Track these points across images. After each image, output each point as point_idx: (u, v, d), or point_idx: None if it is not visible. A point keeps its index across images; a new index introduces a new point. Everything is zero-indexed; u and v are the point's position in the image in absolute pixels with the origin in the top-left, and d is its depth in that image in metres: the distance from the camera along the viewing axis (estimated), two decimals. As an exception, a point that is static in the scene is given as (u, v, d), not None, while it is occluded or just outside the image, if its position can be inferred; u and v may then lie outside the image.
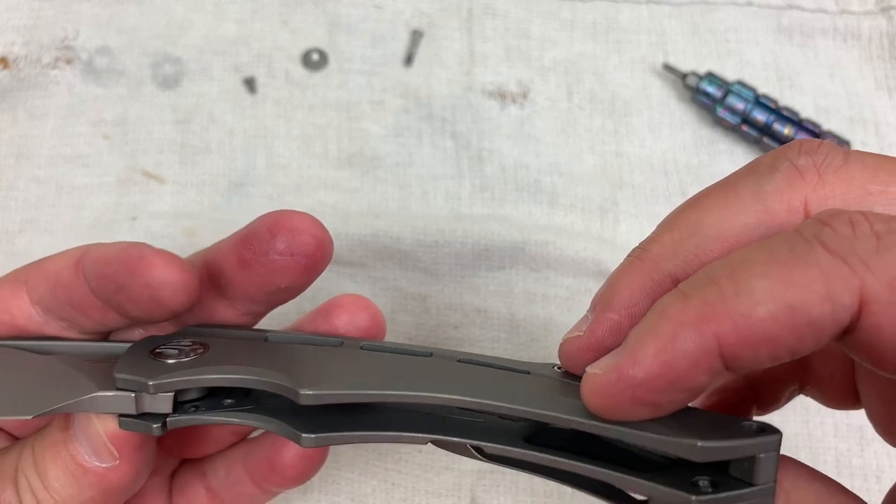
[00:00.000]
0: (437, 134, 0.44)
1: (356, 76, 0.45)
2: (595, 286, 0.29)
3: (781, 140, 0.42)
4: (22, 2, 0.45)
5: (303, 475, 0.30)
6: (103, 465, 0.25)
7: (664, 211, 0.45)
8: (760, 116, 0.42)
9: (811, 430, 0.38)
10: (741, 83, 0.43)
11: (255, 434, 0.31)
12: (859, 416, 0.29)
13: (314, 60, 0.45)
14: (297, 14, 0.46)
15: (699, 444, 0.19)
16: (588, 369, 0.20)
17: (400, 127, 0.44)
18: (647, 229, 0.24)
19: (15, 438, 0.28)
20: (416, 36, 0.45)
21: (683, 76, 0.44)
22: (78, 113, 0.44)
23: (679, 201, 0.46)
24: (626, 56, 0.46)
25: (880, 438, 0.23)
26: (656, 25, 0.46)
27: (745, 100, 0.43)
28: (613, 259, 0.40)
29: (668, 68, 0.45)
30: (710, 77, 0.43)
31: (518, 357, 0.38)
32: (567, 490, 0.37)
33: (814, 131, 0.42)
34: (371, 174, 0.43)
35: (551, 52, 0.46)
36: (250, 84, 0.44)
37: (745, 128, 0.43)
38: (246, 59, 0.45)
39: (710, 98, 0.43)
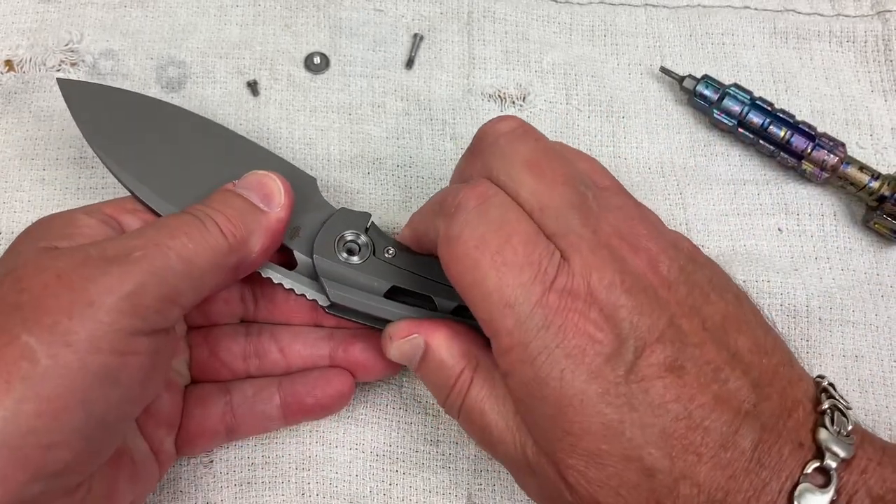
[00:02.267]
0: (438, 136, 0.44)
1: (358, 79, 0.45)
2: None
3: (777, 143, 0.42)
4: (27, 5, 0.46)
5: (329, 410, 0.37)
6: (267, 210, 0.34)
7: (661, 211, 0.46)
8: (756, 119, 0.43)
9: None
10: (737, 86, 0.43)
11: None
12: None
13: (316, 63, 0.45)
14: (300, 18, 0.46)
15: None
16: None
17: (401, 129, 0.45)
18: (643, 229, 0.24)
19: None
20: (416, 39, 0.46)
21: (680, 79, 0.44)
22: (83, 115, 0.44)
23: (676, 202, 0.47)
24: (624, 59, 0.46)
25: None
26: (653, 29, 0.47)
27: (742, 102, 0.43)
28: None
29: (665, 71, 0.45)
30: (707, 80, 0.44)
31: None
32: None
33: (809, 133, 0.42)
34: (373, 176, 0.44)
35: (550, 54, 0.46)
36: (253, 87, 0.45)
37: (741, 130, 0.43)
38: (249, 62, 0.45)
39: (706, 101, 0.44)
